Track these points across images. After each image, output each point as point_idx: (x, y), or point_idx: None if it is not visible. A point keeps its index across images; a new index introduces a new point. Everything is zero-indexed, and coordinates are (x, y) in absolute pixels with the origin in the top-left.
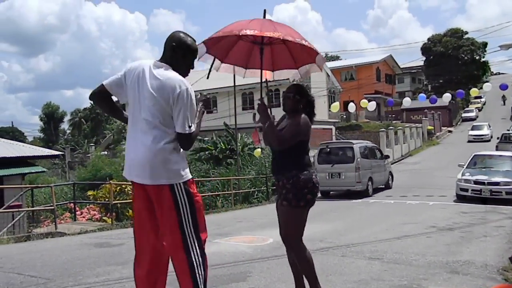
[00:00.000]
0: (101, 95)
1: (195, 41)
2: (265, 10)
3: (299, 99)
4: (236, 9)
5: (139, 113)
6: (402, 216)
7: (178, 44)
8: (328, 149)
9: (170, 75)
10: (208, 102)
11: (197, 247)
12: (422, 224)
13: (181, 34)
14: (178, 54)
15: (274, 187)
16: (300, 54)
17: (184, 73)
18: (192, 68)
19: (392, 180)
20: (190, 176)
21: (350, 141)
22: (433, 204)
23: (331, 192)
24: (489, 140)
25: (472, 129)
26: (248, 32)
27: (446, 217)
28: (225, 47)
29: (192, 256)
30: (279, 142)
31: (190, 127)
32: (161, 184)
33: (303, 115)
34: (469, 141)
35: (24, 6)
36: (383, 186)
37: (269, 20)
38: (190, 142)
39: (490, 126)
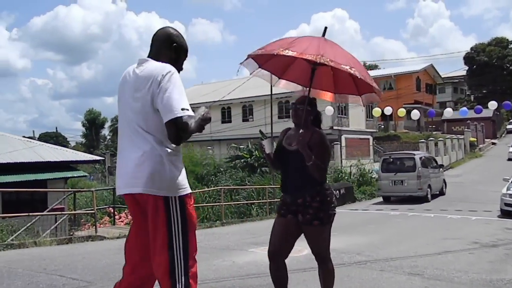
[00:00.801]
0: None
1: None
2: (325, 28)
3: (310, 110)
4: (274, 19)
5: (127, 122)
6: (443, 230)
7: (179, 46)
8: (391, 159)
9: (155, 64)
10: (207, 119)
11: (183, 275)
12: (464, 240)
13: (179, 34)
14: (177, 55)
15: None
16: (359, 82)
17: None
18: (182, 70)
19: (446, 187)
20: (189, 190)
21: (412, 152)
22: (476, 219)
23: (391, 198)
24: None
25: None
26: (286, 53)
27: (490, 233)
28: (281, 64)
29: (177, 284)
30: (322, 175)
31: (183, 109)
32: (154, 195)
33: (319, 131)
34: (509, 159)
35: (68, 16)
36: (438, 193)
37: (324, 40)
38: (185, 131)
39: None
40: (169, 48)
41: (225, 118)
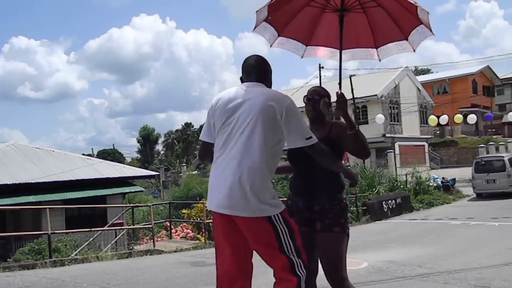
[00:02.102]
0: (208, 151)
1: None
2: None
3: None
4: None
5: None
6: (509, 240)
7: (271, 70)
8: (483, 162)
9: (273, 91)
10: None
11: (303, 269)
12: None
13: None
14: (270, 79)
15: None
16: (401, 14)
17: None
18: None
19: None
20: (284, 206)
21: (501, 155)
22: None
23: (483, 194)
24: None
25: None
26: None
27: None
28: (304, 24)
29: (301, 277)
30: (368, 150)
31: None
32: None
33: (337, 122)
34: None
35: (122, 37)
36: None
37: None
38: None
39: None
40: (266, 72)
41: None
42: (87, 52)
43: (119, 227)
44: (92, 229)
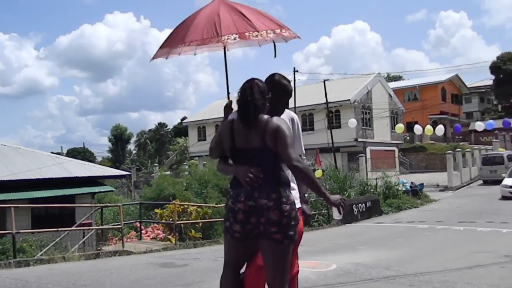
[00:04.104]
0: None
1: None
2: None
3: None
4: (299, 31)
5: None
6: (473, 244)
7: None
8: (488, 157)
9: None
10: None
11: None
12: (495, 253)
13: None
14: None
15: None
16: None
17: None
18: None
19: None
20: None
21: (501, 152)
22: (507, 232)
23: (488, 181)
24: None
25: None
26: (229, 40)
27: None
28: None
29: None
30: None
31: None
32: None
33: (270, 119)
34: (503, 198)
35: (94, 34)
36: None
37: (213, 9)
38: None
39: None
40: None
41: None
42: (57, 48)
43: (87, 227)
44: (59, 229)
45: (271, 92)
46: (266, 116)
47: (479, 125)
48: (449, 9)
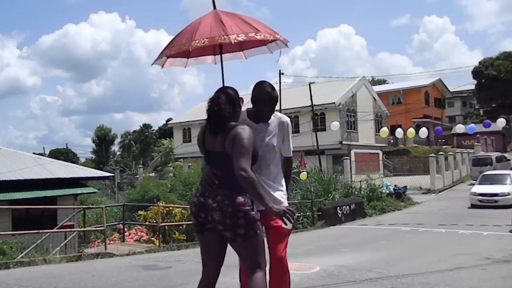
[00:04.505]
0: None
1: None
2: (213, 0)
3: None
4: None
5: None
6: (454, 246)
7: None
8: (478, 159)
9: None
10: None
11: None
12: (476, 256)
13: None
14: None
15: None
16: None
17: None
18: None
19: None
20: None
21: (489, 153)
22: (488, 234)
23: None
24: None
25: (482, 182)
26: (199, 44)
27: (502, 248)
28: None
29: None
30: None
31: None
32: None
33: (233, 127)
34: (472, 206)
35: (78, 33)
36: None
37: (215, 15)
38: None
39: None
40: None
41: None
42: (40, 48)
43: (69, 229)
44: (40, 231)
45: (258, 99)
46: (232, 124)
47: (460, 128)
48: (432, 14)
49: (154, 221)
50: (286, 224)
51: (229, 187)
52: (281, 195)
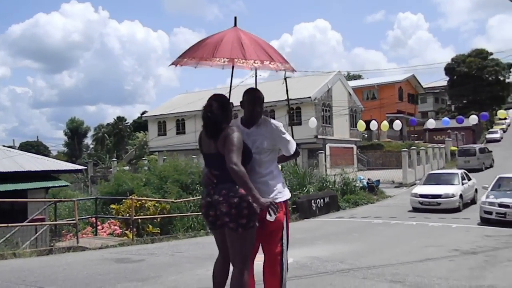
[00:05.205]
0: None
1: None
2: (235, 18)
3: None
4: (256, 29)
5: None
6: (424, 238)
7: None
8: (463, 150)
9: None
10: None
11: None
12: (445, 247)
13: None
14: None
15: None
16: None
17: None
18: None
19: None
20: None
21: (474, 145)
22: (457, 227)
23: (463, 169)
24: (458, 209)
25: (427, 182)
26: (219, 62)
27: (470, 240)
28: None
29: None
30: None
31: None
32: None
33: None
34: (414, 209)
35: (49, 23)
36: (489, 166)
37: (236, 35)
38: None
39: (467, 177)
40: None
41: None
42: (10, 37)
43: (40, 223)
44: (10, 224)
45: (248, 103)
46: (223, 126)
47: (431, 123)
48: (407, 11)
49: (127, 215)
50: (270, 215)
51: (230, 181)
52: (273, 191)
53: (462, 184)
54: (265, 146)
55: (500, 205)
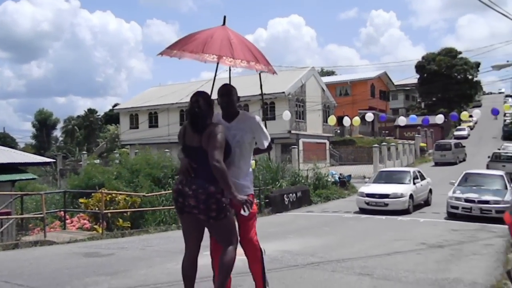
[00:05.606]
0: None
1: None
2: (224, 17)
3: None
4: (230, 23)
5: None
6: (393, 232)
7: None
8: (440, 144)
9: None
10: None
11: None
12: (412, 241)
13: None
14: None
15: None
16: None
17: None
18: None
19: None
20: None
21: (450, 141)
22: (424, 221)
23: (438, 163)
24: (407, 210)
25: (376, 180)
26: (209, 58)
27: (437, 234)
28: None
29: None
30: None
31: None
32: None
33: (211, 126)
34: (361, 210)
35: (17, 11)
36: (462, 160)
37: (226, 34)
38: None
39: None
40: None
41: (183, 120)
42: None
43: (6, 217)
44: None
45: (221, 95)
46: (209, 122)
47: (402, 120)
48: (379, 9)
49: (97, 208)
50: (245, 211)
51: (204, 178)
52: (247, 185)
53: (414, 183)
54: (245, 140)
55: (466, 200)
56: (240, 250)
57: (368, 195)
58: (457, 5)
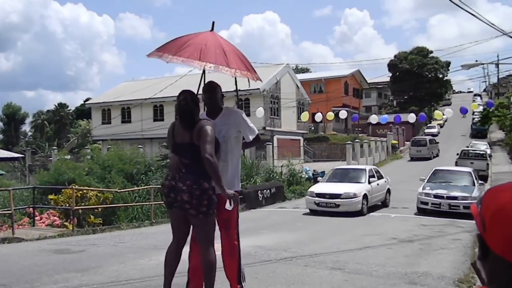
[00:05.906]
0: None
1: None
2: (213, 23)
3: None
4: (205, 18)
5: None
6: (364, 227)
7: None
8: (416, 141)
9: None
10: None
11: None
12: (383, 236)
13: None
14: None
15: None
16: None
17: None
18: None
19: (439, 152)
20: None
21: (425, 137)
22: (395, 217)
23: (414, 158)
24: (361, 212)
25: (330, 179)
26: (206, 67)
27: (407, 229)
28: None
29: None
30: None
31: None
32: None
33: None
34: (311, 212)
35: None
36: (435, 155)
37: (218, 41)
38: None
39: (377, 175)
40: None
41: (157, 116)
42: None
43: None
44: None
45: (204, 92)
46: (198, 119)
47: (374, 118)
48: (353, 7)
49: (68, 205)
50: (230, 205)
51: (197, 174)
52: (234, 182)
53: (370, 182)
54: (231, 134)
55: (435, 196)
56: (217, 245)
57: (318, 195)
58: (429, 5)
